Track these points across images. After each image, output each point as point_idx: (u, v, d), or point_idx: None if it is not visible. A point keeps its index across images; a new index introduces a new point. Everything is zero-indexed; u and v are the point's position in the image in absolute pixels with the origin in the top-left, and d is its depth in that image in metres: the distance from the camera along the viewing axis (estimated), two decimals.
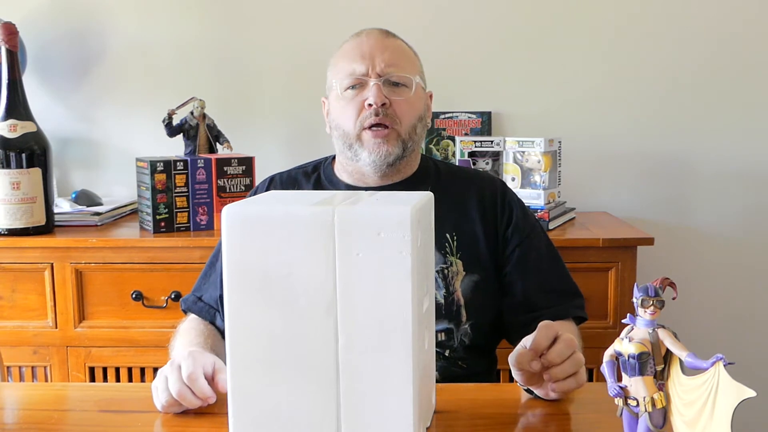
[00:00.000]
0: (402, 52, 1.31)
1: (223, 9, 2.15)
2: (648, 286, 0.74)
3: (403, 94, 1.28)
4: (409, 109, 1.28)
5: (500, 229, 1.30)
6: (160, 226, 1.80)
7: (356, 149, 1.28)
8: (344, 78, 1.28)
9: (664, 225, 2.12)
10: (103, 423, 0.95)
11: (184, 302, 1.33)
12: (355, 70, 1.27)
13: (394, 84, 1.28)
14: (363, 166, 1.29)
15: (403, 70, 1.28)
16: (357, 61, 1.27)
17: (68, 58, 2.18)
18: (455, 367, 1.25)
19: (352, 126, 1.27)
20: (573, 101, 2.12)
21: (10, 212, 1.74)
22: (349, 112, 1.27)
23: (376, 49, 1.27)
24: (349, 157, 1.30)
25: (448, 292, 1.25)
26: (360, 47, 1.28)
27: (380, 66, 1.26)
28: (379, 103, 1.25)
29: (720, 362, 0.66)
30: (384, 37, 1.31)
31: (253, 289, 0.78)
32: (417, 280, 0.77)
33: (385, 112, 1.25)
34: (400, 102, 1.27)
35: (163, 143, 2.06)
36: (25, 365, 1.77)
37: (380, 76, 1.26)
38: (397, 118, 1.27)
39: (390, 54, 1.28)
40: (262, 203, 0.83)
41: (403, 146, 1.28)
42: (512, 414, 0.96)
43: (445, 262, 1.26)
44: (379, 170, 1.28)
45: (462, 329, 1.25)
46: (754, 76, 2.09)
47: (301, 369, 0.78)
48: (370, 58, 1.26)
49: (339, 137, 1.30)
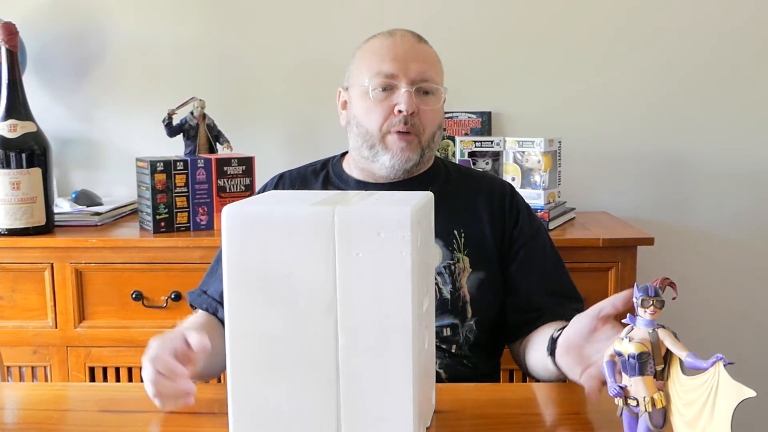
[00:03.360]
0: (433, 61, 1.31)
1: (223, 9, 2.15)
2: (648, 286, 0.74)
3: (431, 104, 1.29)
4: (433, 118, 1.29)
5: (507, 229, 1.32)
6: (160, 226, 1.80)
7: (378, 150, 1.28)
8: (374, 77, 1.27)
9: (664, 225, 2.12)
10: (103, 423, 0.95)
11: (189, 295, 1.34)
12: (386, 71, 1.26)
13: (424, 92, 1.28)
14: (380, 168, 1.30)
15: (433, 79, 1.28)
16: (389, 62, 1.26)
17: (68, 58, 2.18)
18: (461, 365, 1.26)
19: (377, 128, 1.27)
20: (573, 101, 2.12)
21: (10, 212, 1.74)
22: (376, 114, 1.27)
23: (410, 53, 1.27)
24: (366, 156, 1.30)
25: (455, 288, 1.27)
26: (394, 48, 1.27)
27: (414, 73, 1.26)
28: (410, 112, 1.25)
29: (720, 362, 0.66)
30: (417, 41, 1.30)
31: (253, 289, 0.78)
32: (417, 280, 0.77)
33: (413, 121, 1.26)
34: (427, 111, 1.28)
35: (163, 143, 2.06)
36: (25, 365, 1.77)
37: (413, 83, 1.26)
38: (422, 127, 1.28)
39: (423, 61, 1.28)
40: (262, 203, 0.83)
41: (422, 153, 1.29)
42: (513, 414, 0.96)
43: (452, 258, 1.28)
44: (396, 174, 1.30)
45: (467, 325, 1.27)
46: (755, 76, 2.09)
47: (301, 369, 0.78)
48: (404, 62, 1.26)
49: (359, 135, 1.30)
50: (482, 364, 1.29)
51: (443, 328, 1.26)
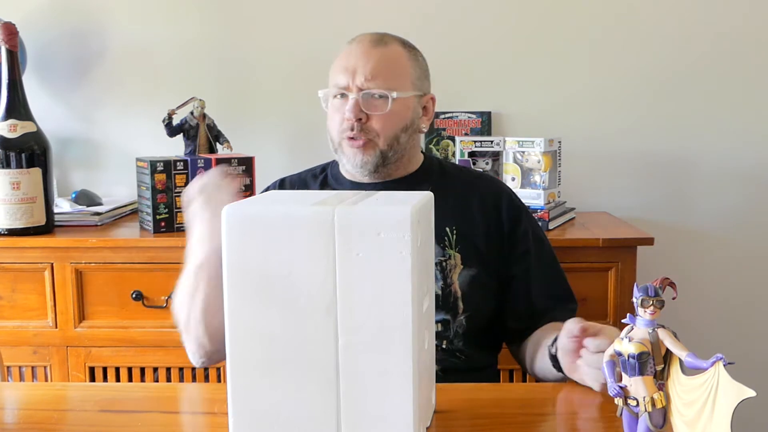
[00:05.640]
0: (388, 63, 1.29)
1: (223, 9, 2.15)
2: (648, 286, 0.74)
3: (380, 108, 1.29)
4: (387, 122, 1.29)
5: (505, 228, 1.34)
6: (160, 226, 1.80)
7: (340, 155, 1.34)
8: (332, 87, 1.32)
9: (664, 225, 2.12)
10: (103, 423, 0.95)
11: None
12: (339, 82, 1.30)
13: (377, 96, 1.28)
14: (349, 169, 1.34)
15: (383, 83, 1.28)
16: (341, 73, 1.30)
17: (68, 58, 2.18)
18: (453, 357, 1.28)
19: (336, 134, 1.32)
20: (573, 101, 2.12)
21: (10, 212, 1.74)
22: (333, 121, 1.33)
23: (360, 60, 1.28)
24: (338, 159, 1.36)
25: (446, 284, 1.28)
26: (347, 58, 1.30)
27: (360, 80, 1.28)
28: (354, 119, 1.28)
29: (720, 362, 0.66)
30: (372, 46, 1.30)
31: (253, 289, 0.78)
32: (417, 280, 0.77)
33: (361, 127, 1.28)
34: (378, 117, 1.29)
35: (163, 143, 2.06)
36: (25, 365, 1.77)
37: (360, 89, 1.28)
38: (373, 131, 1.29)
39: (373, 66, 1.28)
40: (262, 203, 0.83)
41: (383, 155, 1.30)
42: (512, 414, 0.96)
43: (443, 255, 1.29)
44: (364, 175, 1.33)
45: (458, 321, 1.28)
46: (755, 76, 2.09)
47: (301, 369, 0.78)
48: (353, 70, 1.28)
49: (329, 141, 1.36)
50: (476, 356, 1.31)
51: (435, 323, 1.27)
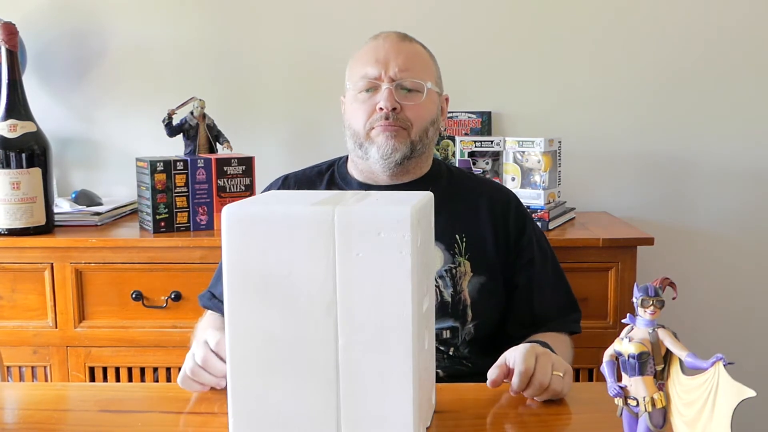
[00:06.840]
0: (417, 57, 1.32)
1: (222, 9, 2.15)
2: (648, 286, 0.74)
3: (415, 99, 1.30)
4: (420, 113, 1.31)
5: (511, 237, 1.34)
6: (160, 226, 1.80)
7: (366, 147, 1.31)
8: (359, 80, 1.31)
9: (664, 225, 2.12)
10: (103, 423, 0.95)
11: (200, 299, 1.39)
12: (369, 74, 1.30)
13: (406, 89, 1.30)
14: (372, 163, 1.32)
15: (416, 75, 1.30)
16: (371, 65, 1.30)
17: (68, 58, 2.18)
18: (459, 365, 1.28)
19: (362, 126, 1.30)
20: (573, 101, 2.12)
21: (10, 212, 1.74)
22: (360, 113, 1.31)
23: (391, 53, 1.30)
24: (360, 155, 1.33)
25: (456, 291, 1.28)
26: (376, 51, 1.31)
27: (393, 70, 1.29)
28: (390, 107, 1.27)
29: (720, 362, 0.66)
30: (400, 40, 1.32)
31: (253, 289, 0.78)
32: (417, 280, 0.77)
33: (396, 117, 1.28)
34: (411, 107, 1.30)
35: (163, 143, 2.06)
36: (25, 365, 1.77)
37: (393, 80, 1.29)
38: (408, 122, 1.30)
39: (404, 58, 1.30)
40: (262, 203, 0.83)
41: (412, 147, 1.30)
42: (512, 414, 0.96)
43: (453, 262, 1.29)
44: (388, 168, 1.31)
45: (467, 328, 1.28)
46: (755, 76, 2.09)
47: (301, 369, 0.78)
48: (385, 62, 1.29)
49: (351, 136, 1.34)
50: (480, 363, 1.30)
51: (443, 330, 1.27)
